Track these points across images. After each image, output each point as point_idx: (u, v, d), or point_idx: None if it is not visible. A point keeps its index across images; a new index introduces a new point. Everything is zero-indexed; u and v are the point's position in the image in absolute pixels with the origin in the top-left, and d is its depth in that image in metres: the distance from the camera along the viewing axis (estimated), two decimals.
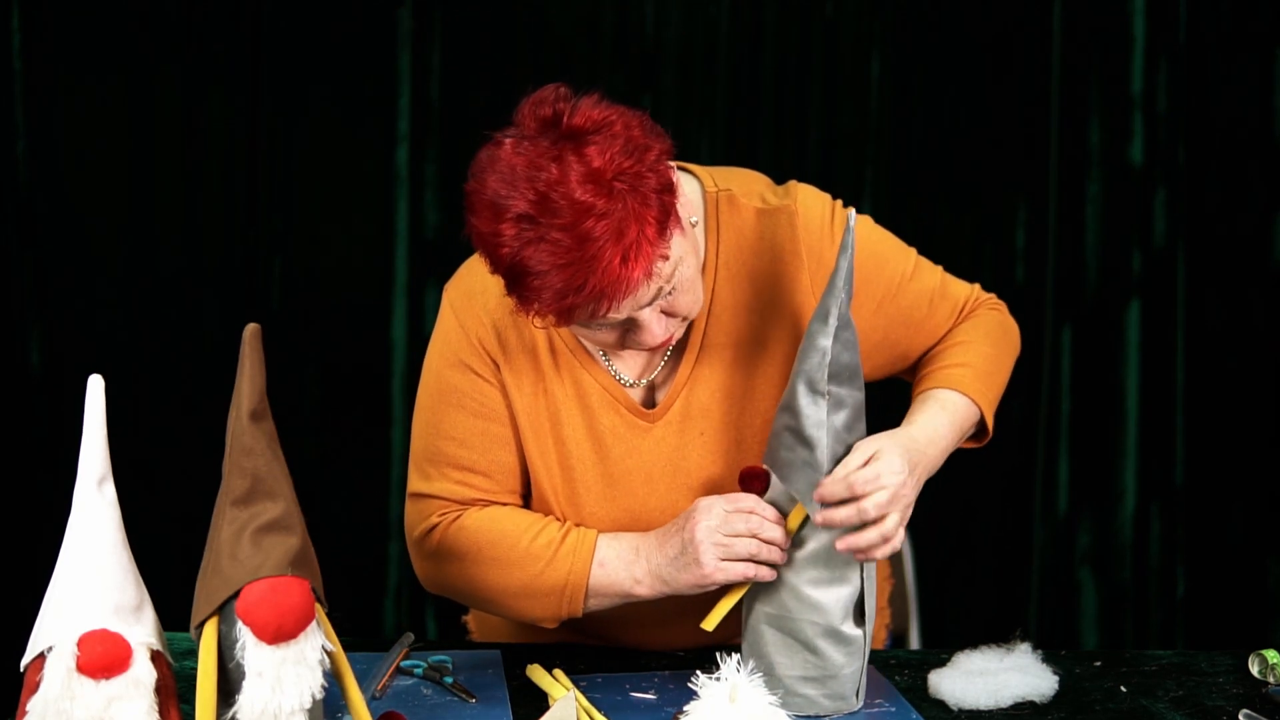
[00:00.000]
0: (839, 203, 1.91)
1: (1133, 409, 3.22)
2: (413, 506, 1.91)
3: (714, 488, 1.87)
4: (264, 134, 3.15)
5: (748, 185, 1.91)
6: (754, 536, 1.74)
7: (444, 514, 1.88)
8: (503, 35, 3.15)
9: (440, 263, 3.14)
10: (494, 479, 1.89)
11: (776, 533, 1.74)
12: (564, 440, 1.88)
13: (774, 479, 1.77)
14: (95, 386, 1.52)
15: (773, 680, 1.74)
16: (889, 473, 1.71)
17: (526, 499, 1.93)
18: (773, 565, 1.74)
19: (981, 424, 1.95)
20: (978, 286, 2.05)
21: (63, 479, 1.85)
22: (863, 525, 1.71)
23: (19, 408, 3.15)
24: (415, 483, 1.90)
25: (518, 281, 1.65)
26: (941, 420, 1.87)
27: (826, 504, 1.71)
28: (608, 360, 1.89)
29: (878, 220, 1.97)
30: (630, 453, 1.88)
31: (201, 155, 3.15)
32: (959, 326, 1.99)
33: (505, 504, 1.90)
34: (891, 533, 1.72)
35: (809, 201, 1.88)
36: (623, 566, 1.81)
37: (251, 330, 1.56)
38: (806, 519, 1.74)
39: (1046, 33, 3.17)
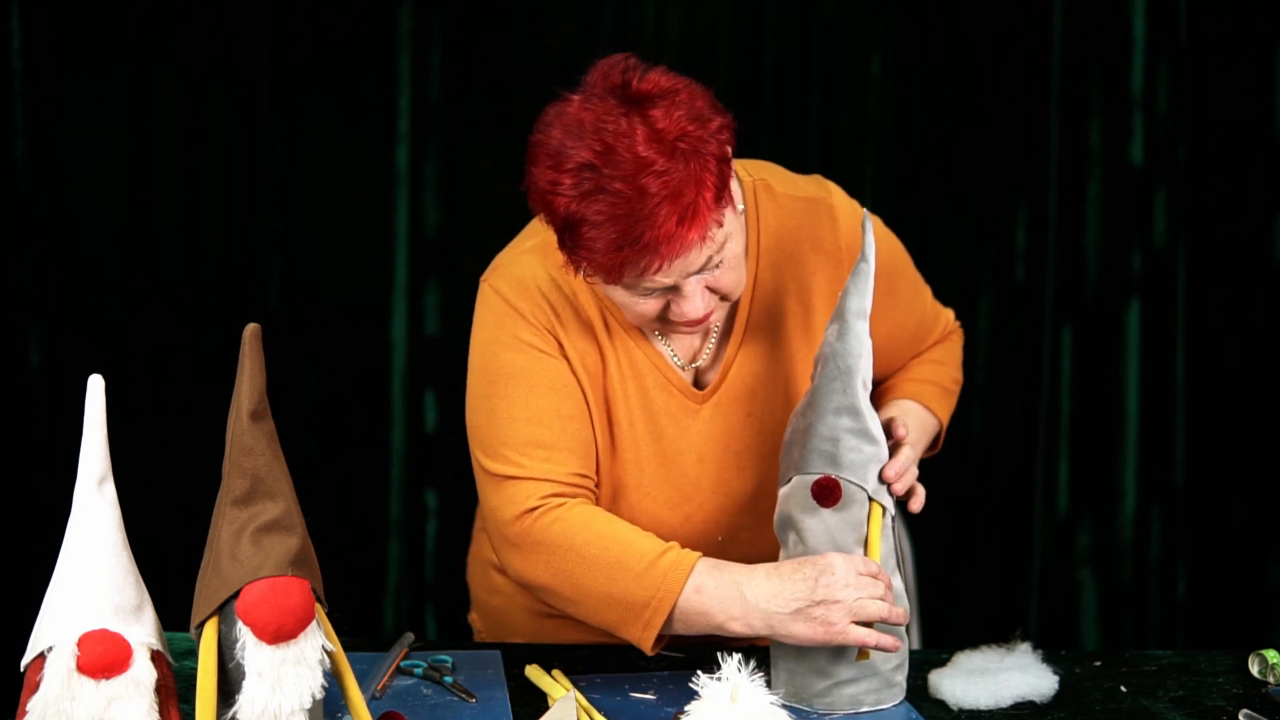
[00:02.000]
0: (862, 209, 1.96)
1: (1133, 409, 3.22)
2: (503, 492, 1.84)
3: (764, 468, 1.91)
4: (264, 134, 3.15)
5: (778, 174, 1.96)
6: (881, 599, 1.72)
7: (546, 499, 1.82)
8: (503, 35, 3.15)
9: (440, 263, 3.14)
10: (576, 454, 1.85)
11: (902, 602, 1.76)
12: (618, 420, 1.90)
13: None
14: (95, 386, 1.52)
15: (802, 680, 1.74)
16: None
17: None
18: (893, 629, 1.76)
19: (934, 438, 2.08)
20: (952, 313, 2.19)
21: (63, 479, 1.85)
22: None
23: (19, 408, 3.15)
24: (500, 467, 1.85)
25: (572, 232, 1.68)
26: (921, 436, 2.00)
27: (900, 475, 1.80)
28: (663, 340, 1.91)
29: (884, 219, 1.98)
30: (683, 433, 1.91)
31: (201, 155, 3.15)
32: (934, 347, 2.12)
33: (591, 495, 1.87)
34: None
35: (842, 197, 1.95)
36: (720, 599, 1.74)
37: (251, 330, 1.56)
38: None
39: (1046, 33, 3.17)
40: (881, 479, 1.79)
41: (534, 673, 1.84)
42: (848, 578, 1.71)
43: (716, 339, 1.93)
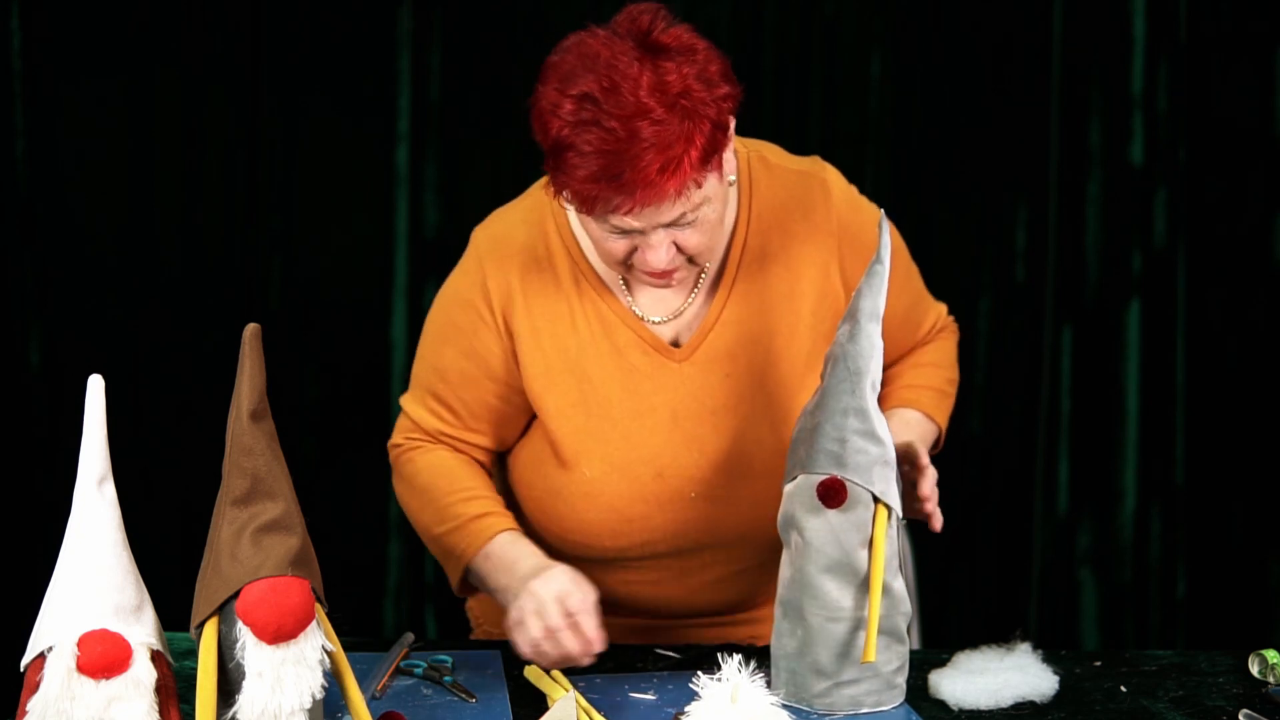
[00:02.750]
0: (855, 189, 2.02)
1: (1133, 409, 3.22)
2: (400, 418, 2.08)
3: (741, 426, 1.94)
4: (264, 134, 3.15)
5: (776, 151, 2.03)
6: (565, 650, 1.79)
7: (410, 437, 2.05)
8: (503, 35, 3.15)
9: (440, 263, 3.13)
10: (459, 416, 2.00)
11: (585, 644, 1.80)
12: (590, 378, 1.93)
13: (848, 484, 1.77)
14: (95, 386, 1.52)
15: (815, 677, 1.75)
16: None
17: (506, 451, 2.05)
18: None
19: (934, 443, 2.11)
20: (945, 307, 2.18)
21: (63, 479, 1.85)
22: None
23: (19, 408, 3.15)
24: (404, 397, 2.07)
25: (559, 155, 1.74)
26: (914, 437, 2.00)
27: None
28: (631, 299, 1.95)
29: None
30: (658, 390, 1.94)
31: (201, 155, 3.15)
32: (926, 346, 2.12)
33: (463, 449, 2.02)
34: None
35: (837, 175, 2.02)
36: (494, 572, 1.89)
37: (251, 330, 1.56)
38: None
39: (1046, 33, 3.17)
40: (917, 497, 1.85)
41: (533, 673, 1.84)
42: (532, 625, 1.79)
43: (698, 299, 1.96)
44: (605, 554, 1.99)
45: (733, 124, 1.81)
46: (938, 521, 1.88)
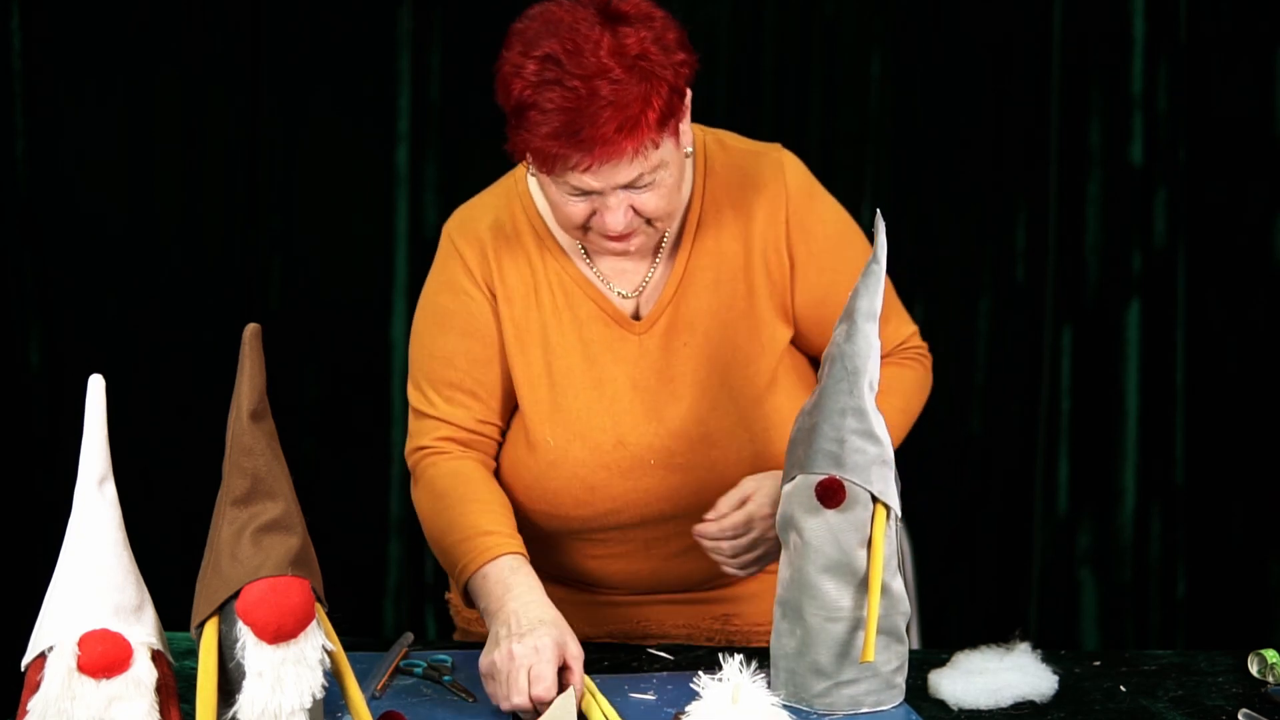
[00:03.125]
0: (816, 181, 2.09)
1: (1133, 409, 3.22)
2: (412, 424, 2.06)
3: (699, 394, 1.99)
4: (264, 134, 3.15)
5: (735, 136, 2.10)
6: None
7: (439, 440, 2.03)
8: (503, 35, 3.13)
9: None
10: (479, 398, 2.02)
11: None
12: (553, 348, 2.00)
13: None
14: (95, 386, 1.52)
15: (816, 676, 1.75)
16: (759, 518, 1.91)
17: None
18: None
19: None
20: (917, 331, 2.19)
21: (63, 479, 1.85)
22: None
23: (19, 408, 3.15)
24: (415, 400, 2.05)
25: (521, 114, 1.83)
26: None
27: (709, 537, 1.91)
28: (595, 270, 2.02)
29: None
30: (617, 360, 2.00)
31: (201, 155, 3.15)
32: (884, 369, 2.05)
33: (494, 437, 2.04)
34: (742, 566, 1.95)
35: (794, 159, 2.08)
36: (488, 596, 1.86)
37: (251, 330, 1.56)
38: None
39: (1046, 33, 3.16)
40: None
41: None
42: (500, 677, 1.75)
43: (657, 272, 2.03)
44: (571, 524, 2.04)
45: (689, 95, 1.90)
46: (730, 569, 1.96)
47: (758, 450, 2.01)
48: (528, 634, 1.76)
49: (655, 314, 2.02)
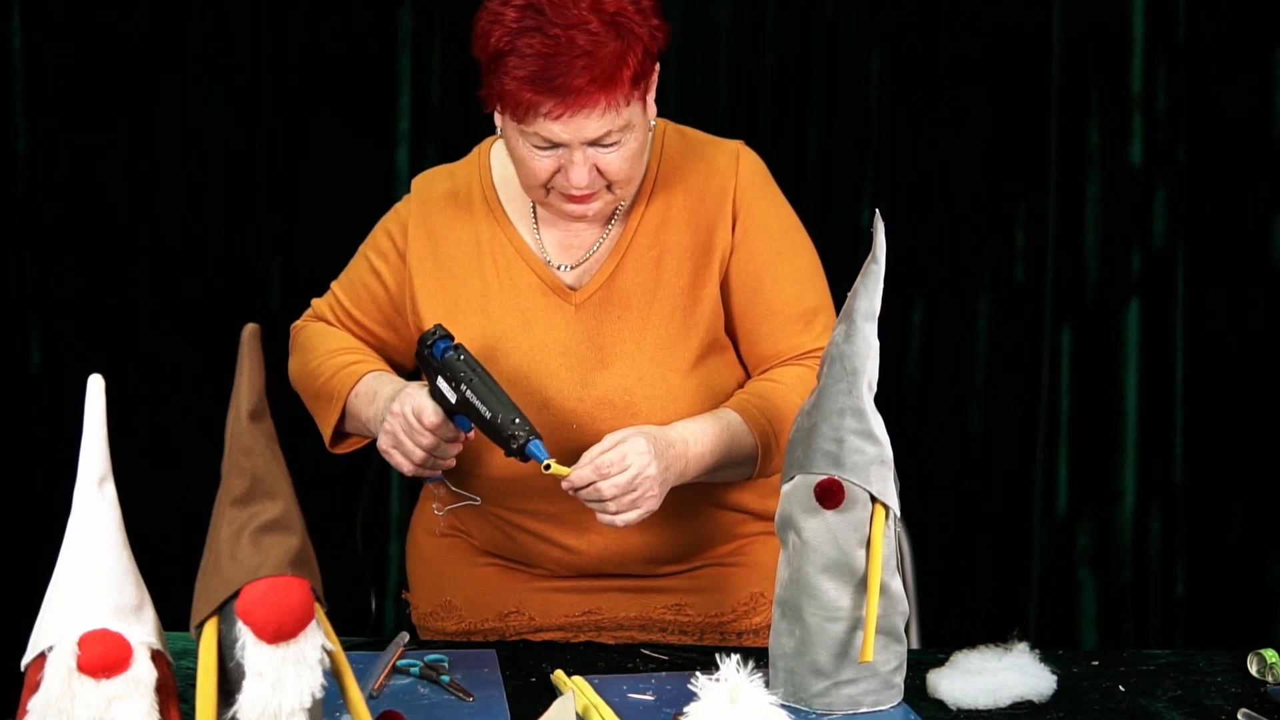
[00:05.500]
0: (774, 183, 2.14)
1: (1132, 409, 3.22)
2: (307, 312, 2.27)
3: (627, 366, 2.04)
4: (264, 134, 3.15)
5: (696, 130, 2.17)
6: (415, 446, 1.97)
7: (307, 319, 2.26)
8: None
9: None
10: (349, 297, 2.20)
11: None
12: (491, 315, 2.07)
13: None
14: (95, 386, 1.52)
15: (814, 676, 1.75)
16: (633, 453, 1.90)
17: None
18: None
19: (753, 461, 2.06)
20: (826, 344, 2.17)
21: (63, 479, 1.85)
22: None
23: (19, 408, 3.15)
24: (318, 298, 2.27)
25: (499, 60, 1.89)
26: (710, 432, 2.01)
27: (576, 488, 1.90)
28: (539, 241, 2.09)
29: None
30: (550, 328, 2.06)
31: (202, 155, 3.15)
32: (786, 368, 2.09)
33: (348, 328, 2.20)
34: (625, 508, 1.91)
35: (755, 158, 2.13)
36: (364, 406, 2.07)
37: (251, 330, 1.56)
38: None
39: (1046, 33, 3.17)
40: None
41: (559, 678, 1.84)
42: (394, 425, 1.98)
43: (602, 247, 2.09)
44: (505, 494, 2.09)
45: (658, 67, 1.97)
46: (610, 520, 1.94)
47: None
48: (393, 412, 1.97)
49: (592, 286, 2.07)
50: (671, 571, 2.14)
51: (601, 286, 2.07)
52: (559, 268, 2.09)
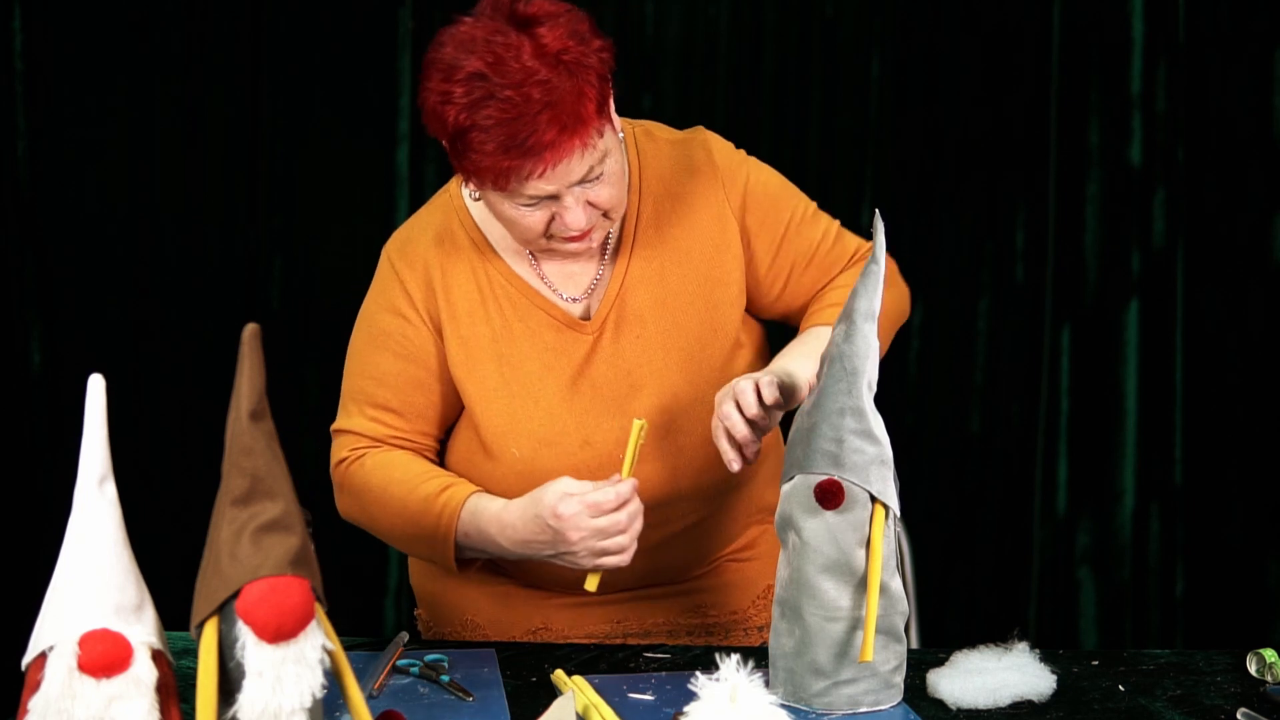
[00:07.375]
0: (741, 151, 2.10)
1: (1132, 409, 3.22)
2: (334, 443, 2.10)
3: (658, 384, 2.00)
4: (264, 134, 3.15)
5: (659, 126, 2.12)
6: (624, 533, 1.86)
7: (354, 449, 2.06)
8: None
9: None
10: (405, 418, 2.05)
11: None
12: (509, 361, 2.00)
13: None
14: (95, 386, 1.52)
15: (815, 676, 1.75)
16: (763, 382, 1.88)
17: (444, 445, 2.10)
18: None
19: None
20: (860, 240, 2.19)
21: (63, 479, 1.85)
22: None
23: (19, 408, 3.15)
24: (338, 420, 2.10)
25: (463, 138, 1.82)
26: (813, 350, 1.99)
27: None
28: (540, 280, 2.03)
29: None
30: (573, 363, 2.01)
31: (202, 155, 3.15)
32: (845, 272, 2.13)
33: (411, 447, 2.06)
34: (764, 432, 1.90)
35: (717, 138, 2.10)
36: (482, 528, 1.94)
37: (251, 330, 1.56)
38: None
39: (1046, 33, 3.17)
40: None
41: (558, 678, 1.84)
42: (582, 526, 1.85)
43: (605, 273, 2.04)
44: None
45: (611, 81, 1.89)
46: (735, 464, 1.90)
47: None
48: (540, 511, 1.86)
49: (603, 311, 2.02)
50: (694, 574, 2.13)
51: (613, 309, 2.02)
52: (566, 299, 2.04)
